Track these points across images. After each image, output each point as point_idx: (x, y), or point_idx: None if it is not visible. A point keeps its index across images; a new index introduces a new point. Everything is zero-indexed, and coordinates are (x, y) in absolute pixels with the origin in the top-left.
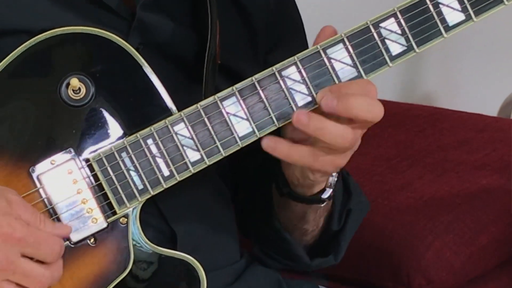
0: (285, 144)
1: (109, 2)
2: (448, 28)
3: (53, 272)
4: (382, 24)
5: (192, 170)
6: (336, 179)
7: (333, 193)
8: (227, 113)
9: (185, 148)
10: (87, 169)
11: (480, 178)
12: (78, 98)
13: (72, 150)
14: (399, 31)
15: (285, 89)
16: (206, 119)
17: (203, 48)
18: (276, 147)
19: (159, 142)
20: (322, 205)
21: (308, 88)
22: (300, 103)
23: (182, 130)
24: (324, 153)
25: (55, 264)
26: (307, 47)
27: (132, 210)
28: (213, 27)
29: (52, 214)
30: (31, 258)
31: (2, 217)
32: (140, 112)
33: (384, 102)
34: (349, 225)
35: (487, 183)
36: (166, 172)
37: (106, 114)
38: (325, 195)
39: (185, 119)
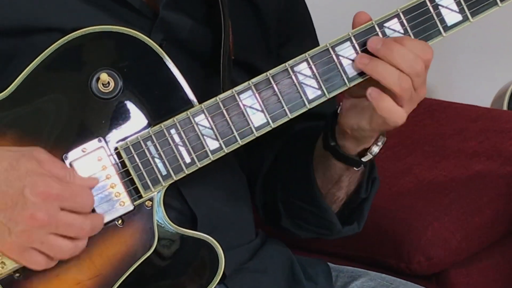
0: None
1: (133, 2)
2: (446, 28)
3: (93, 221)
4: (386, 24)
5: (212, 157)
6: (378, 150)
7: (370, 162)
8: (244, 105)
9: (205, 137)
10: (115, 157)
11: (474, 164)
12: (107, 91)
13: (101, 139)
14: (402, 31)
15: (297, 84)
16: (224, 111)
17: (218, 44)
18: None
19: (182, 132)
20: (358, 168)
21: (318, 82)
22: (310, 96)
23: (202, 121)
24: (389, 100)
25: (92, 214)
26: (316, 41)
27: (156, 194)
28: (225, 26)
29: None
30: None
31: (37, 177)
32: (164, 104)
33: None
34: (372, 194)
35: (480, 169)
36: (187, 160)
37: (132, 106)
38: (365, 159)
39: (205, 110)
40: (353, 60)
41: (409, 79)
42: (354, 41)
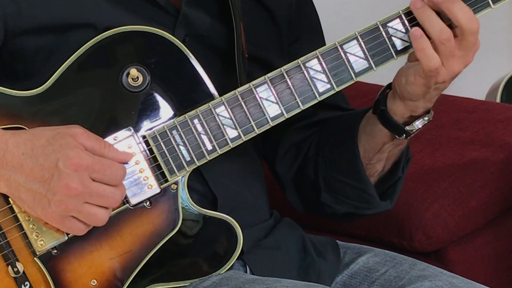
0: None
1: (158, 0)
2: None
3: (122, 192)
4: (389, 24)
5: (231, 145)
6: (421, 126)
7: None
8: (260, 97)
9: (225, 127)
10: (143, 144)
11: (470, 151)
12: (136, 85)
13: (131, 128)
14: (404, 30)
15: (308, 78)
16: (242, 103)
17: (233, 42)
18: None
19: (204, 122)
20: (400, 137)
21: (327, 77)
22: (321, 90)
23: (222, 112)
24: (427, 42)
25: (121, 185)
26: (323, 40)
27: (181, 178)
28: (237, 26)
29: None
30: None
31: (70, 150)
32: (187, 97)
33: None
34: (405, 173)
35: (476, 156)
36: (209, 147)
37: (159, 98)
38: (410, 128)
39: (225, 102)
40: (359, 57)
41: (450, 33)
42: (360, 40)
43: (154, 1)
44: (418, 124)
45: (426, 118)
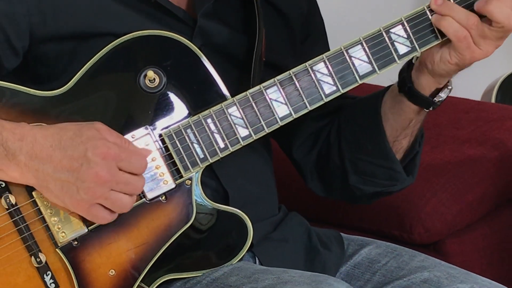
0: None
1: (176, 12)
2: (443, 34)
3: (144, 182)
4: (392, 30)
5: (242, 143)
6: (445, 96)
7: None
8: (270, 99)
9: (236, 126)
10: (160, 142)
11: (466, 149)
12: (153, 86)
13: (148, 127)
14: (405, 36)
15: (315, 81)
16: (253, 103)
17: (251, 48)
18: None
19: (217, 121)
20: (429, 109)
21: (333, 79)
22: (327, 91)
23: (234, 112)
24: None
25: (142, 176)
26: (327, 43)
27: (195, 174)
28: (260, 32)
29: None
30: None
31: (97, 141)
32: (201, 98)
33: None
34: (421, 148)
35: (472, 153)
36: (222, 145)
37: (174, 99)
38: (438, 99)
39: (237, 103)
40: (364, 61)
41: (476, 18)
42: (364, 45)
43: (172, 13)
44: (443, 95)
45: (450, 87)
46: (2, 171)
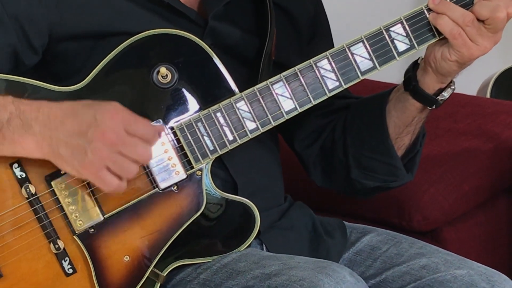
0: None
1: (188, 13)
2: (440, 34)
3: (152, 152)
4: (391, 29)
5: (250, 136)
6: (448, 95)
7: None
8: (276, 93)
9: (244, 119)
10: (172, 135)
11: (463, 141)
12: (166, 82)
13: (160, 120)
14: (404, 34)
15: (319, 76)
16: (260, 98)
17: (260, 48)
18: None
19: (226, 115)
20: (432, 108)
21: (336, 75)
22: (330, 87)
23: (242, 106)
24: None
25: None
26: (332, 41)
27: (205, 165)
28: (271, 33)
29: (146, 168)
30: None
31: (108, 105)
32: (211, 93)
33: (392, 86)
34: (422, 147)
35: (468, 145)
36: (230, 137)
37: (186, 94)
38: (441, 98)
39: (245, 98)
40: (365, 58)
41: (472, 15)
42: (366, 43)
43: (184, 14)
44: (446, 94)
45: (453, 87)
46: (18, 144)
